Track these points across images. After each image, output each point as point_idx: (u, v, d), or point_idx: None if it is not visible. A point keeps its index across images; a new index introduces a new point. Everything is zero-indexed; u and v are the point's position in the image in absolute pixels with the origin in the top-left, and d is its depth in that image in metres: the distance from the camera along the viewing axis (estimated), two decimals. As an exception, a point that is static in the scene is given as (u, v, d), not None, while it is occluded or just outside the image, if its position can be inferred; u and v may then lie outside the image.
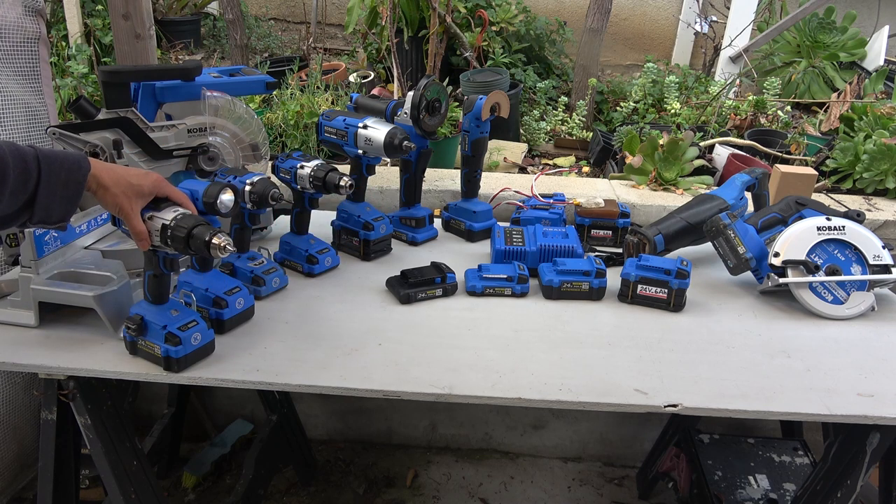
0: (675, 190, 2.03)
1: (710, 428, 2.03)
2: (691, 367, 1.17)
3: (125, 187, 0.97)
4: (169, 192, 1.03)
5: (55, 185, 0.89)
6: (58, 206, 0.90)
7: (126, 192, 0.97)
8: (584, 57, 3.12)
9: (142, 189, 0.99)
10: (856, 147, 2.15)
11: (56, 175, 0.89)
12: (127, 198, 0.97)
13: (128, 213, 0.97)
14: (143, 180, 0.99)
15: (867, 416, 1.07)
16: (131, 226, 0.99)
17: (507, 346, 1.21)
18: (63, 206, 0.91)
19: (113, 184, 0.95)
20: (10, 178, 0.85)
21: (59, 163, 0.90)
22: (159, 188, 1.01)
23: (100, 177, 0.94)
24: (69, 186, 0.90)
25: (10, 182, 0.85)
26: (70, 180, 0.91)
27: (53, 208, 0.90)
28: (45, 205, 0.89)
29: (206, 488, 2.09)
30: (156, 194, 1.01)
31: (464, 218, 1.67)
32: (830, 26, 3.68)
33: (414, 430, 2.28)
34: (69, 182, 0.90)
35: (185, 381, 1.11)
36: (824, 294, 1.36)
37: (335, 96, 2.37)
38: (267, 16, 4.67)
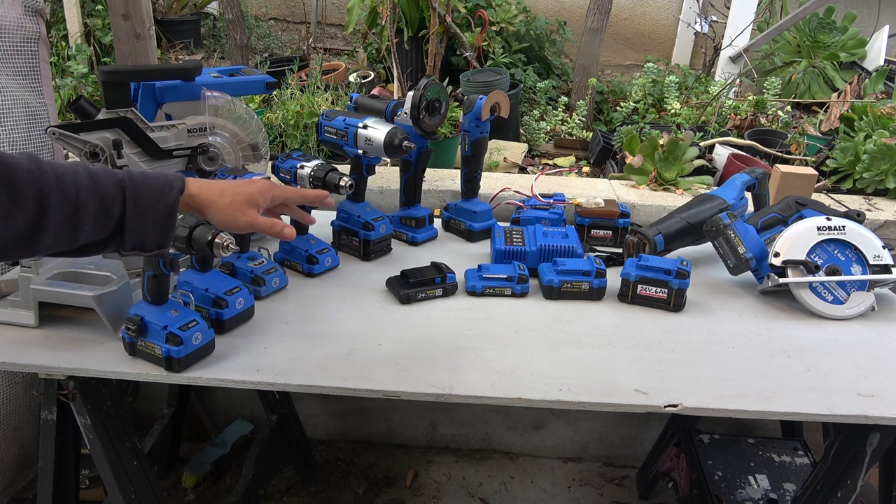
0: (675, 190, 2.03)
1: (710, 428, 2.03)
2: (691, 367, 1.17)
3: (232, 196, 0.92)
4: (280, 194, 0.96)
5: (144, 210, 0.83)
6: (150, 232, 0.85)
7: (235, 202, 0.92)
8: (584, 57, 3.12)
9: (252, 197, 0.93)
10: (856, 147, 2.15)
11: (144, 199, 0.84)
12: (239, 208, 0.91)
13: (248, 221, 0.92)
14: (250, 188, 0.94)
15: (867, 416, 1.07)
16: (259, 229, 0.93)
17: (507, 346, 1.21)
18: (156, 231, 0.85)
19: (218, 197, 0.91)
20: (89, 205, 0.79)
21: (149, 186, 0.84)
22: (272, 194, 0.96)
23: (198, 195, 0.89)
24: (159, 210, 0.85)
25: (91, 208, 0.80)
26: (160, 203, 0.85)
27: (146, 234, 0.85)
28: (135, 230, 0.84)
29: (206, 488, 2.09)
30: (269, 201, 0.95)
31: (464, 218, 1.67)
32: (830, 26, 3.68)
33: (414, 430, 2.28)
34: (159, 205, 0.85)
35: (186, 381, 1.11)
36: (824, 294, 1.36)
37: (335, 96, 2.37)
38: (267, 16, 4.67)
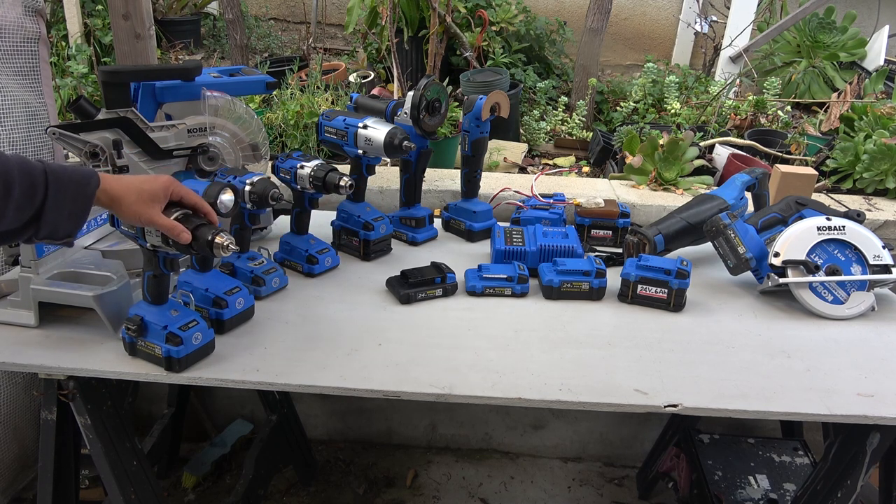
0: (675, 190, 2.03)
1: (710, 428, 2.03)
2: (691, 367, 1.17)
3: (137, 195, 0.95)
4: (183, 194, 1.01)
5: (63, 201, 0.87)
6: (65, 222, 0.89)
7: (140, 199, 0.95)
8: (584, 57, 3.12)
9: (155, 193, 0.97)
10: (856, 147, 2.15)
11: (64, 190, 0.87)
12: (143, 204, 0.95)
13: (149, 218, 0.96)
14: (153, 184, 0.97)
15: (867, 416, 1.07)
16: (160, 226, 0.97)
17: (507, 346, 1.21)
18: (71, 221, 0.90)
19: (125, 193, 0.94)
20: (14, 193, 0.83)
21: (68, 177, 0.88)
22: (172, 190, 0.99)
23: (110, 190, 0.93)
24: (77, 202, 0.89)
25: (16, 197, 0.84)
26: (78, 195, 0.89)
27: (60, 224, 0.89)
28: (51, 220, 0.88)
29: (206, 488, 2.09)
30: (170, 197, 0.99)
31: (464, 218, 1.67)
32: (830, 26, 3.68)
33: (414, 430, 2.28)
34: (77, 197, 0.89)
35: (186, 381, 1.11)
36: (824, 294, 1.36)
37: (335, 96, 2.37)
38: (267, 16, 4.67)
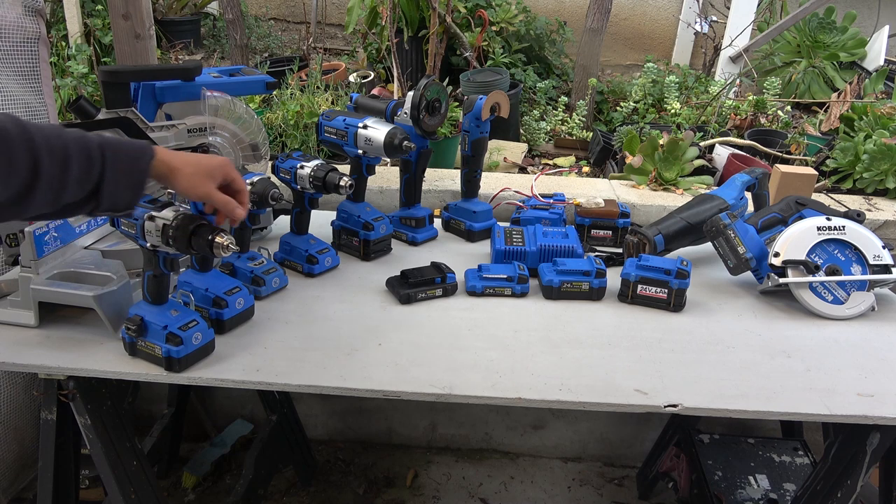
0: (675, 190, 2.03)
1: (710, 428, 2.03)
2: (691, 367, 1.17)
3: (195, 167, 0.96)
4: (234, 176, 1.02)
5: (119, 174, 0.89)
6: (124, 194, 0.90)
7: (198, 172, 0.96)
8: (584, 57, 3.12)
9: (212, 170, 0.98)
10: (856, 147, 2.15)
11: (120, 164, 0.89)
12: (201, 177, 0.96)
13: (206, 192, 0.97)
14: (211, 161, 0.99)
15: (867, 416, 1.07)
16: (215, 201, 0.98)
17: (507, 346, 1.21)
18: (129, 193, 0.91)
19: (183, 165, 0.95)
20: (73, 167, 0.85)
21: (123, 150, 0.90)
22: (226, 170, 1.00)
23: (169, 161, 0.94)
24: (133, 174, 0.91)
25: (74, 171, 0.85)
26: (134, 168, 0.91)
27: (119, 196, 0.90)
28: (110, 192, 0.89)
29: (206, 488, 2.09)
30: (223, 177, 1.00)
31: (464, 218, 1.67)
32: (830, 26, 3.68)
33: (414, 430, 2.28)
34: (133, 170, 0.91)
35: (186, 381, 1.11)
36: (824, 294, 1.36)
37: (335, 96, 2.37)
38: (267, 16, 4.67)
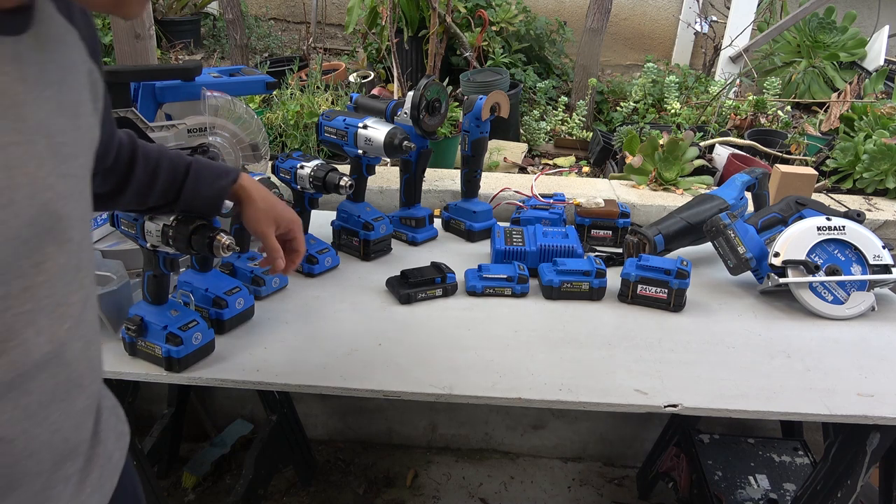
0: (675, 190, 2.03)
1: (710, 428, 2.03)
2: (691, 367, 1.17)
3: (269, 208, 1.00)
4: (297, 236, 1.05)
5: (199, 186, 0.96)
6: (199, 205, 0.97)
7: (268, 213, 1.00)
8: (584, 57, 3.12)
9: (280, 217, 1.02)
10: (856, 147, 2.15)
11: (201, 179, 0.96)
12: (267, 218, 1.00)
13: (265, 231, 1.01)
14: (285, 212, 1.03)
15: (867, 416, 1.07)
16: (268, 243, 1.01)
17: (507, 346, 1.21)
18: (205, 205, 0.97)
19: (260, 199, 1.00)
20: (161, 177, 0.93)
21: (208, 169, 0.97)
22: (292, 226, 1.04)
23: (249, 189, 0.99)
24: (213, 188, 0.97)
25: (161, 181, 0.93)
26: (214, 184, 0.97)
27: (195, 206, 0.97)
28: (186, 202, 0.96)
29: (206, 488, 2.09)
30: (287, 229, 1.03)
31: (464, 218, 1.67)
32: (830, 26, 3.68)
33: (414, 430, 2.28)
34: (213, 185, 0.97)
35: (186, 381, 1.11)
36: (824, 294, 1.36)
37: (335, 96, 2.37)
38: (267, 16, 4.67)
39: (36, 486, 0.60)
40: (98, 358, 0.67)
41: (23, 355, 0.55)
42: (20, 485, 0.58)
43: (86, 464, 0.67)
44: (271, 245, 1.01)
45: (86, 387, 0.64)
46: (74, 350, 0.60)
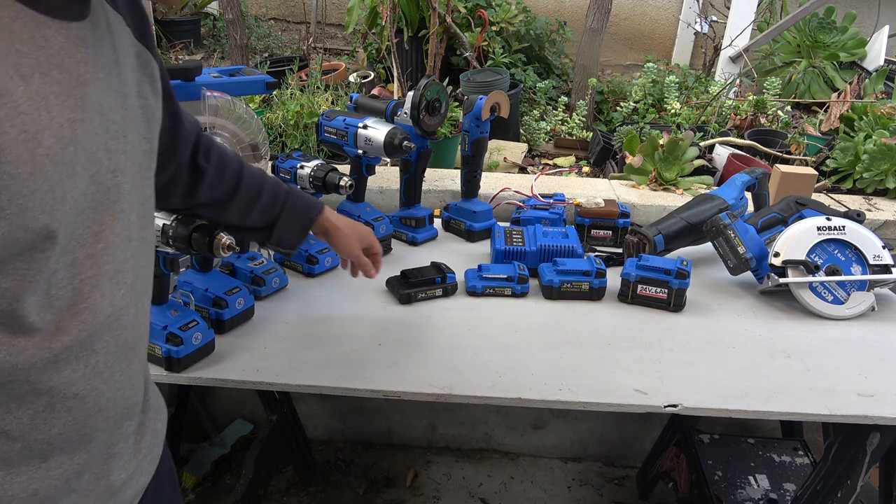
0: (675, 190, 2.03)
1: (710, 428, 2.03)
2: (691, 367, 1.17)
3: (353, 230, 1.16)
4: (374, 243, 1.21)
5: (293, 216, 1.07)
6: (291, 235, 1.08)
7: (353, 235, 1.16)
8: (584, 57, 3.12)
9: (362, 235, 1.18)
10: (856, 147, 2.15)
11: (296, 208, 1.07)
12: (354, 239, 1.16)
13: (356, 253, 1.16)
14: (363, 227, 1.20)
15: (867, 416, 1.07)
16: (359, 262, 1.17)
17: (507, 346, 1.21)
18: (296, 234, 1.09)
19: (343, 226, 1.14)
20: (263, 197, 1.04)
21: (301, 199, 1.09)
22: (370, 238, 1.20)
23: (334, 220, 1.13)
24: (303, 220, 1.09)
25: (263, 200, 1.04)
26: (305, 216, 1.09)
27: (287, 235, 1.08)
28: (282, 229, 1.07)
29: (206, 488, 2.09)
30: (368, 243, 1.19)
31: (464, 218, 1.67)
32: (830, 26, 3.68)
33: (414, 430, 2.28)
34: (304, 217, 1.09)
35: (186, 381, 1.11)
36: (824, 294, 1.36)
37: (335, 96, 2.37)
38: (267, 16, 4.67)
39: (104, 440, 0.66)
40: (146, 327, 0.73)
41: (91, 317, 0.60)
42: (92, 438, 0.65)
43: (139, 427, 0.74)
44: (363, 262, 1.17)
45: (138, 351, 0.70)
46: (129, 315, 0.66)
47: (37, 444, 0.60)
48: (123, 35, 0.67)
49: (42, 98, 0.52)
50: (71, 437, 0.62)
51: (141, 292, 0.69)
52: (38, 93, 0.52)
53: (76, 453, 0.63)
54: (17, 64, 0.50)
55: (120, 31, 0.66)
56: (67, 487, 0.63)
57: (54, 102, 0.53)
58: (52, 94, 0.53)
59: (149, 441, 0.76)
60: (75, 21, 0.57)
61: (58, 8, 0.55)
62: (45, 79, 0.53)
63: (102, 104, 0.60)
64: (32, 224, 0.51)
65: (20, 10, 0.51)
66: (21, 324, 0.55)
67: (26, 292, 0.54)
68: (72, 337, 0.58)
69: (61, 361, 0.58)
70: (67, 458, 0.62)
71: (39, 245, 0.53)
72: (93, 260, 0.59)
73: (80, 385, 0.61)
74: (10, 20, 0.50)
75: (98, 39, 0.61)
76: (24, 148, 0.50)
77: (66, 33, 0.56)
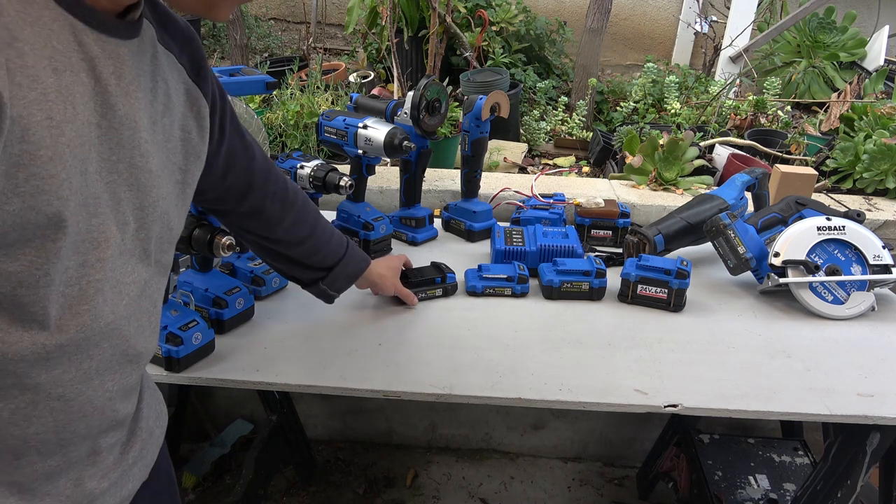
0: (675, 190, 2.04)
1: (710, 428, 2.03)
2: (691, 367, 1.17)
3: (393, 272, 1.30)
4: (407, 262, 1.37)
5: (349, 264, 1.17)
6: (341, 281, 1.18)
7: (395, 275, 1.30)
8: (584, 57, 3.12)
9: (398, 268, 1.32)
10: (856, 147, 2.15)
11: (354, 255, 1.19)
12: (395, 278, 1.30)
13: (399, 288, 1.30)
14: (397, 263, 1.33)
15: (867, 416, 1.07)
16: (404, 295, 1.31)
17: (507, 346, 1.21)
18: (346, 282, 1.19)
19: (387, 272, 1.27)
20: (333, 241, 1.15)
21: (356, 252, 1.20)
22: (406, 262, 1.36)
23: (376, 269, 1.25)
24: (356, 269, 1.20)
25: (332, 243, 1.14)
26: (358, 266, 1.20)
27: (339, 280, 1.17)
28: (337, 273, 1.16)
29: (205, 488, 2.09)
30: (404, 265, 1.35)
31: (464, 218, 1.67)
32: (830, 26, 3.68)
33: (414, 430, 2.28)
34: (357, 267, 1.20)
35: (186, 381, 1.11)
36: (824, 294, 1.36)
37: (335, 96, 2.37)
38: (267, 16, 4.67)
39: (84, 447, 0.66)
40: (152, 346, 0.73)
41: (91, 320, 0.60)
42: (70, 444, 0.64)
43: (129, 436, 0.74)
44: (404, 294, 1.30)
45: (137, 366, 0.70)
46: (131, 328, 0.66)
47: (12, 439, 0.59)
48: (173, 71, 0.71)
49: (70, 93, 0.54)
50: (48, 439, 0.61)
51: (147, 311, 0.69)
52: (66, 87, 0.54)
53: (51, 456, 0.62)
54: (52, 58, 0.52)
55: (169, 66, 0.70)
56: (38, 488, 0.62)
57: (80, 101, 0.55)
58: (79, 93, 0.55)
59: (138, 449, 0.75)
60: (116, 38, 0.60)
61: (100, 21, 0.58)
62: (74, 77, 0.55)
63: (134, 122, 0.62)
64: (46, 208, 0.52)
65: (60, 14, 0.54)
66: (22, 312, 0.55)
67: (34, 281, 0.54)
68: (69, 337, 0.59)
69: (53, 360, 0.58)
70: (40, 459, 0.62)
71: (51, 234, 0.54)
72: (101, 264, 0.60)
73: (68, 387, 0.61)
74: (50, 20, 0.53)
75: (138, 63, 0.63)
76: (47, 133, 0.52)
77: (102, 45, 0.58)
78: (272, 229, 1.05)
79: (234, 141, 0.90)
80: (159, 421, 0.82)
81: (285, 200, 1.04)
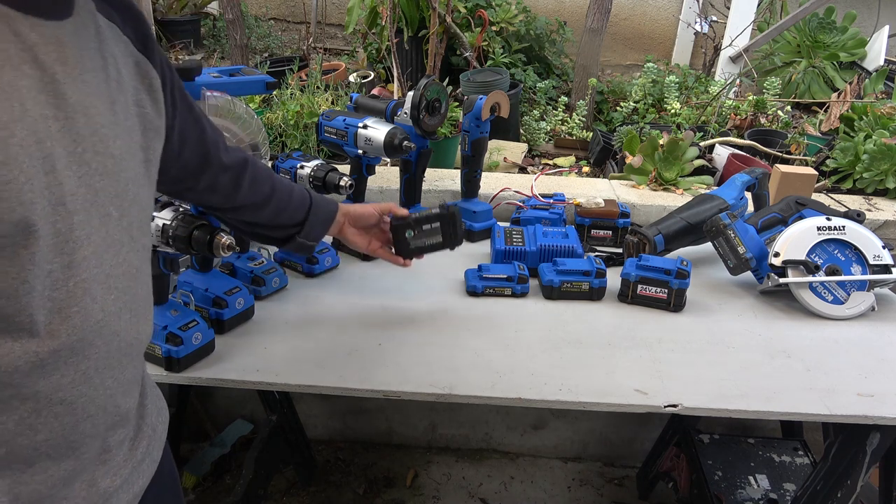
0: (675, 190, 2.03)
1: (710, 428, 2.03)
2: (691, 367, 1.17)
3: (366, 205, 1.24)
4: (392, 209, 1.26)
5: (319, 210, 1.14)
6: (318, 227, 1.15)
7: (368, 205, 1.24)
8: (584, 57, 3.12)
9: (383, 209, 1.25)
10: (856, 147, 2.15)
11: (321, 203, 1.15)
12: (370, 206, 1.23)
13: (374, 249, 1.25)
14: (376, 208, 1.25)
15: (867, 416, 1.07)
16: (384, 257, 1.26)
17: (507, 346, 1.21)
18: (321, 228, 1.15)
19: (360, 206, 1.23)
20: (295, 196, 1.11)
21: (321, 198, 1.17)
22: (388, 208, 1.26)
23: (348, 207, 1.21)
24: (328, 214, 1.16)
25: (295, 197, 1.11)
26: (328, 211, 1.17)
27: (316, 228, 1.14)
28: (312, 223, 1.13)
29: (205, 488, 2.09)
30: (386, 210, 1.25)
31: (464, 218, 1.67)
32: (830, 26, 3.68)
33: (414, 430, 2.28)
34: (328, 213, 1.16)
35: (186, 381, 1.11)
36: (824, 294, 1.36)
37: (335, 96, 2.37)
38: (267, 16, 4.68)
39: (95, 447, 0.65)
40: (146, 333, 0.71)
41: (82, 321, 0.59)
42: (81, 445, 0.63)
43: (135, 432, 0.73)
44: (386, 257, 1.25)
45: (133, 357, 0.69)
46: (123, 321, 0.65)
47: (22, 449, 0.58)
48: (119, 43, 0.67)
49: (13, 90, 0.51)
50: (57, 444, 0.61)
51: (136, 297, 0.67)
52: (9, 84, 0.51)
53: (63, 460, 0.62)
54: None
55: (114, 39, 0.66)
56: (55, 494, 0.62)
57: (27, 96, 0.52)
58: (24, 87, 0.52)
59: (145, 445, 0.75)
60: (52, 20, 0.56)
61: (31, 5, 0.54)
62: (16, 72, 0.52)
63: (88, 106, 0.59)
64: (9, 215, 0.50)
65: None
66: (7, 323, 0.54)
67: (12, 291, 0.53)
68: (61, 341, 0.57)
69: (49, 366, 0.57)
70: (53, 464, 0.61)
71: (21, 241, 0.52)
72: (86, 263, 0.58)
73: (68, 391, 0.60)
74: None
75: (81, 42, 0.60)
76: None
77: (40, 31, 0.55)
78: (234, 198, 1.02)
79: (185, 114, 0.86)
80: (161, 418, 0.82)
81: (238, 166, 1.01)
